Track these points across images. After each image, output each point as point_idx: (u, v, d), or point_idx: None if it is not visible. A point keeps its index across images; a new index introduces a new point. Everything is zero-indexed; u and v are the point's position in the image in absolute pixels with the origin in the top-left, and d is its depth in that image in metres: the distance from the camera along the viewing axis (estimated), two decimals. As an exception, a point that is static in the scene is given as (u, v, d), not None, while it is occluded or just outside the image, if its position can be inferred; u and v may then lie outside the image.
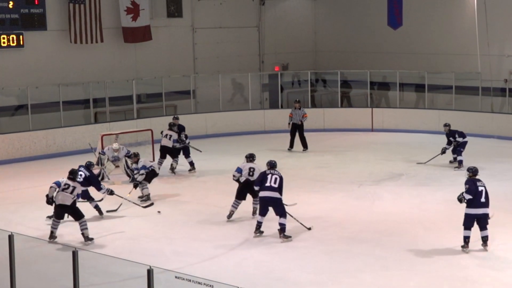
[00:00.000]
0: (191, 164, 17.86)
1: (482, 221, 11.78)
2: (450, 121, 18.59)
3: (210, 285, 7.79)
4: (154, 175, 15.35)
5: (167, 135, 17.63)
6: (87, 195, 13.83)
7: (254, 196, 13.73)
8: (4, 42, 20.53)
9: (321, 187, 16.33)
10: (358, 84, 25.38)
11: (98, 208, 14.12)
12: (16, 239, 9.35)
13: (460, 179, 12.28)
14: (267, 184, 12.60)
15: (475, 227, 11.83)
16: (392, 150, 20.26)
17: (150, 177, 15.20)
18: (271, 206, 12.68)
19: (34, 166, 18.91)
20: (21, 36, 20.83)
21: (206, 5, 25.14)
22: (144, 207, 14.50)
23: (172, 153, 17.67)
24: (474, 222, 11.80)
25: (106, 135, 18.28)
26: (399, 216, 13.97)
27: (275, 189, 12.58)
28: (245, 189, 13.71)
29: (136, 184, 14.99)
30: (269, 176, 12.67)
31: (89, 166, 14.08)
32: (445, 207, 14.20)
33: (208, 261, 11.66)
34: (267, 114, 23.71)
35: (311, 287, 10.66)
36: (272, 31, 26.68)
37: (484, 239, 11.84)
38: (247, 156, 13.95)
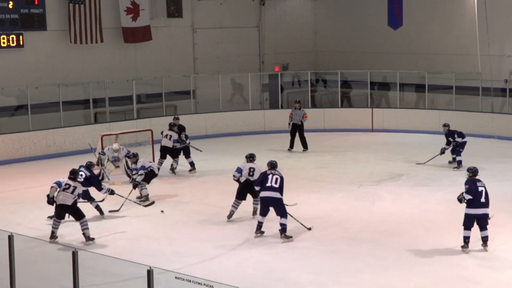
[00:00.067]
0: (192, 164, 17.87)
1: (482, 221, 11.80)
2: (450, 121, 18.60)
3: (210, 286, 7.79)
4: (153, 175, 15.35)
5: (167, 135, 17.64)
6: (87, 196, 13.85)
7: (254, 196, 13.75)
8: (4, 42, 20.53)
9: (321, 188, 16.34)
10: (358, 84, 25.38)
11: (99, 208, 14.13)
12: (16, 240, 9.35)
13: (460, 180, 12.29)
14: (268, 184, 12.61)
15: (475, 227, 11.84)
16: (392, 150, 20.26)
17: (149, 178, 15.20)
18: (272, 206, 12.69)
19: (34, 166, 18.92)
20: (21, 36, 20.84)
21: (206, 5, 25.14)
22: (145, 206, 14.61)
23: (172, 153, 17.67)
24: (474, 222, 11.81)
25: (106, 135, 18.28)
26: (399, 217, 13.98)
27: (276, 189, 12.60)
28: (245, 189, 13.72)
29: (135, 185, 14.99)
30: (270, 176, 12.68)
31: (89, 166, 14.09)
32: (445, 208, 14.21)
33: (208, 261, 11.67)
34: (267, 114, 23.71)
35: (311, 287, 10.66)
36: (272, 31, 26.68)
37: (484, 239, 11.85)
38: (247, 156, 13.97)
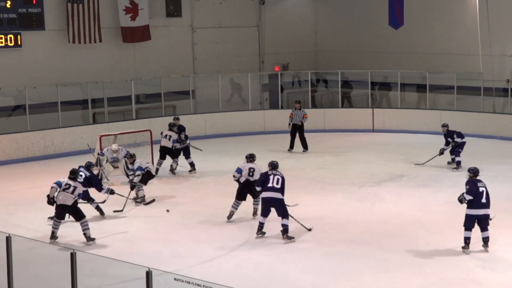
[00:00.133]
0: (192, 165, 17.85)
1: (483, 222, 11.80)
2: (451, 121, 18.60)
3: (209, 287, 7.80)
4: (150, 177, 15.32)
5: (167, 135, 17.63)
6: (87, 196, 13.82)
7: (254, 196, 13.77)
8: (1, 42, 20.55)
9: (321, 188, 16.34)
10: (359, 84, 25.38)
11: (99, 208, 14.15)
12: (14, 241, 9.34)
13: (462, 180, 12.28)
14: (270, 185, 12.62)
15: (476, 228, 11.85)
16: (393, 151, 20.25)
17: (145, 179, 15.16)
18: (273, 207, 12.70)
19: (32, 167, 18.91)
20: (19, 36, 20.84)
21: (206, 5, 25.14)
22: (146, 204, 14.78)
23: (172, 153, 17.67)
24: (475, 223, 11.82)
25: (104, 135, 18.26)
26: (400, 218, 13.98)
27: (277, 190, 12.61)
28: (245, 189, 13.74)
29: (133, 186, 14.97)
30: (271, 177, 12.69)
31: (89, 166, 14.09)
32: (446, 208, 14.21)
33: (208, 262, 11.66)
34: (267, 115, 23.71)
35: (311, 289, 10.68)
36: (272, 30, 26.68)
37: (485, 240, 11.86)
38: (247, 157, 13.98)
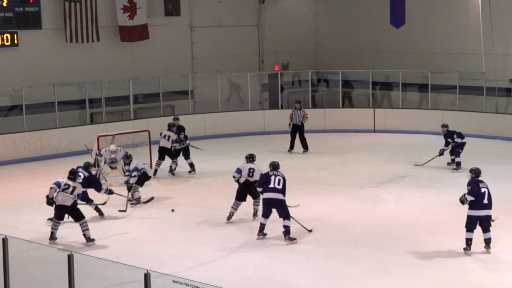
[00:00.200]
0: (191, 165, 17.83)
1: (485, 223, 11.80)
2: (453, 121, 18.62)
3: (208, 290, 7.80)
4: (146, 178, 15.27)
5: (166, 136, 17.62)
6: (85, 197, 13.81)
7: (254, 197, 13.78)
8: (-2, 41, 20.61)
9: (321, 190, 16.34)
10: (360, 84, 25.38)
11: (98, 209, 14.16)
12: (11, 243, 9.34)
13: (464, 181, 12.28)
14: (271, 186, 12.62)
15: (478, 229, 11.85)
16: (394, 152, 20.26)
17: (142, 180, 15.13)
18: (275, 208, 12.70)
19: (28, 167, 18.90)
20: (15, 35, 20.84)
21: (205, 4, 25.14)
22: (145, 203, 14.93)
23: (171, 154, 17.65)
24: (477, 224, 11.82)
25: (102, 136, 18.25)
26: (402, 219, 13.98)
27: (279, 191, 12.61)
28: (244, 190, 13.74)
29: (130, 187, 14.94)
30: (273, 178, 12.69)
31: (87, 166, 14.11)
32: (448, 210, 14.21)
33: (207, 264, 11.66)
34: (266, 115, 23.72)
35: (311, 291, 10.68)
36: (272, 30, 26.68)
37: (487, 241, 11.86)
38: (247, 157, 13.99)
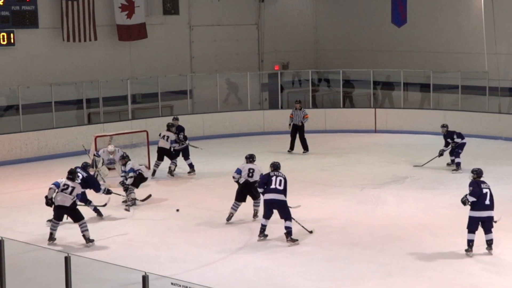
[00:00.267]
0: (191, 166, 17.81)
1: (487, 224, 11.80)
2: (456, 122, 18.62)
3: (207, 292, 7.81)
4: (142, 179, 15.24)
5: (165, 136, 17.60)
6: (84, 198, 13.76)
7: (254, 198, 13.79)
8: (-6, 40, 20.60)
9: (322, 191, 16.34)
10: (361, 83, 25.38)
11: (97, 210, 14.16)
12: (6, 244, 9.34)
13: (467, 182, 12.28)
14: (272, 186, 12.62)
15: (480, 230, 11.85)
16: (396, 152, 20.25)
17: (137, 182, 15.11)
18: (276, 209, 12.70)
19: (25, 168, 18.90)
20: (12, 34, 20.82)
21: (204, 2, 25.14)
22: (143, 201, 14.96)
23: (170, 155, 17.63)
24: (479, 225, 11.82)
25: (99, 136, 18.25)
26: (403, 221, 13.97)
27: (280, 191, 12.62)
28: (244, 190, 13.75)
29: (126, 188, 14.94)
30: (274, 178, 12.69)
31: (85, 167, 14.10)
32: (451, 211, 14.21)
33: (206, 267, 11.65)
34: (266, 115, 23.71)
35: (312, 294, 10.68)
36: (271, 28, 26.68)
37: (489, 243, 11.86)
38: (247, 157, 14.01)
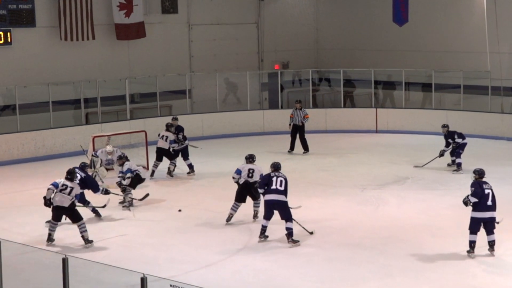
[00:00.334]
0: (190, 166, 17.81)
1: (489, 225, 11.82)
2: (458, 122, 18.64)
3: (206, 294, 7.82)
4: (139, 180, 15.25)
5: (163, 136, 17.59)
6: (82, 199, 13.78)
7: (254, 198, 13.81)
8: (-9, 40, 20.61)
9: (322, 191, 16.35)
10: (362, 83, 25.38)
11: (95, 211, 14.19)
12: (4, 246, 9.35)
13: (468, 183, 12.29)
14: (273, 187, 12.64)
15: (482, 231, 11.87)
16: (397, 153, 20.27)
17: (134, 183, 15.11)
18: (277, 210, 12.72)
19: (22, 169, 18.90)
20: (8, 33, 20.84)
21: (203, 1, 25.13)
22: (141, 200, 15.01)
23: (169, 155, 17.64)
24: (481, 226, 11.84)
25: (97, 136, 18.27)
26: (405, 222, 13.99)
27: (281, 192, 12.63)
28: (244, 191, 13.77)
29: (123, 189, 14.94)
30: (275, 179, 12.70)
31: (83, 167, 14.11)
32: (452, 212, 14.22)
33: (205, 268, 11.66)
34: (266, 115, 23.72)
35: (312, 296, 10.70)
36: (271, 27, 26.67)
37: (491, 244, 11.87)
38: (246, 157, 14.03)
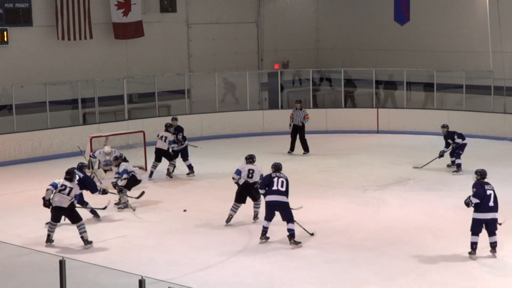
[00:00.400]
0: (190, 167, 17.80)
1: (491, 226, 11.82)
2: (460, 122, 18.64)
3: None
4: (135, 182, 15.20)
5: (162, 136, 17.57)
6: (81, 200, 13.72)
7: (254, 199, 13.81)
8: (-13, 39, 20.61)
9: (323, 192, 16.35)
10: (363, 83, 25.39)
11: (94, 212, 14.19)
12: (0, 248, 9.34)
13: (470, 184, 12.30)
14: (274, 188, 12.64)
15: (484, 232, 11.86)
16: (398, 153, 20.27)
17: (130, 185, 15.08)
18: (278, 211, 12.73)
19: (19, 170, 18.90)
20: (5, 32, 20.84)
21: (202, 0, 25.15)
22: (137, 198, 15.01)
23: (168, 156, 17.63)
24: (482, 227, 11.84)
25: (95, 137, 18.26)
26: (406, 223, 13.99)
27: (282, 193, 12.64)
28: (244, 191, 13.77)
29: (120, 190, 14.93)
30: (275, 179, 12.70)
31: (81, 167, 14.10)
32: (454, 213, 14.22)
33: (204, 270, 11.66)
34: (266, 115, 23.72)
35: (313, 298, 10.70)
36: (271, 27, 26.68)
37: (493, 245, 11.87)
38: (246, 158, 14.03)
